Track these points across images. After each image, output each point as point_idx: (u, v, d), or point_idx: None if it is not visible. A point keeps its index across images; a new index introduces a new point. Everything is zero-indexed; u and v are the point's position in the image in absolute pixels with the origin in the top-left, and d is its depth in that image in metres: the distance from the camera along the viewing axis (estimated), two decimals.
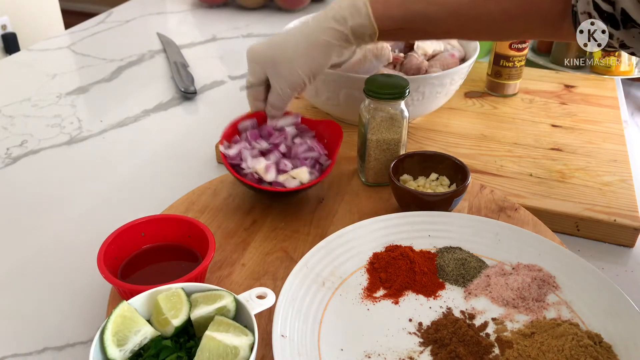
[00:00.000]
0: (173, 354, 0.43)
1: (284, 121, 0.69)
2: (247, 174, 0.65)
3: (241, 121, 0.70)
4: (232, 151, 0.66)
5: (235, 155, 0.66)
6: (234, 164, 0.66)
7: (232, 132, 0.69)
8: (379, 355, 0.48)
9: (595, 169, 0.76)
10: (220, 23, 1.36)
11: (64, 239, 0.67)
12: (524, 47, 0.91)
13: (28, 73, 1.10)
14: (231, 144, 0.68)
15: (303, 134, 0.71)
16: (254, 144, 0.67)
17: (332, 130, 0.70)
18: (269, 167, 0.64)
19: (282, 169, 0.65)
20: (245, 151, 0.66)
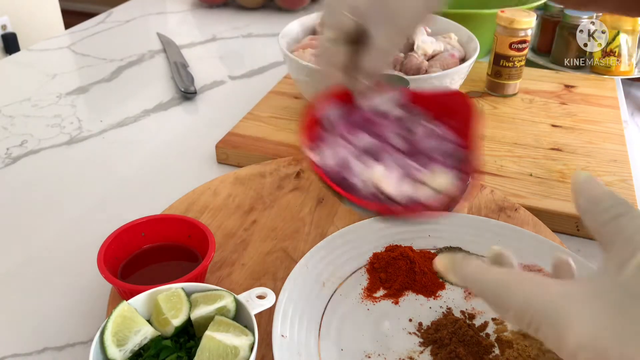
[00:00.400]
0: (173, 354, 0.43)
1: (384, 98, 0.47)
2: (358, 188, 0.43)
3: (322, 109, 0.47)
4: (330, 158, 0.44)
5: (333, 163, 0.44)
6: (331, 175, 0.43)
7: (313, 126, 0.46)
8: (379, 356, 0.48)
9: (595, 169, 0.76)
10: (220, 23, 1.36)
11: (64, 239, 0.67)
12: (524, 47, 0.91)
13: (28, 73, 1.10)
14: (319, 146, 0.45)
15: (416, 116, 0.48)
16: (352, 141, 0.45)
17: (457, 104, 0.47)
18: (390, 174, 0.43)
19: (408, 174, 0.43)
20: (348, 157, 0.44)
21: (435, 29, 0.92)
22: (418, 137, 0.46)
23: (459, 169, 0.43)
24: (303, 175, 0.73)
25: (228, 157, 0.80)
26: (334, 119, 0.47)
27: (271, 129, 0.84)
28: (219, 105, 0.98)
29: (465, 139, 0.45)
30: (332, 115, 0.47)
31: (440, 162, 0.44)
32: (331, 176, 0.43)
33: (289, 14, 1.40)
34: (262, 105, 0.91)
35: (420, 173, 0.43)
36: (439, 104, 0.47)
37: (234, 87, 1.04)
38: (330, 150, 0.45)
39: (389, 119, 0.46)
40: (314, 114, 0.47)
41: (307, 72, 0.79)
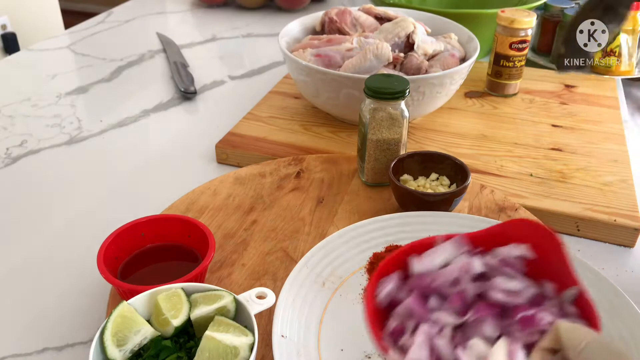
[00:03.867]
0: (173, 354, 0.43)
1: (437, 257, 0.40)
2: None
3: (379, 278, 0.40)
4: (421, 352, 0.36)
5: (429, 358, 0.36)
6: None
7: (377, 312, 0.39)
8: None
9: (596, 169, 0.76)
10: (220, 23, 1.36)
11: (63, 239, 0.67)
12: (524, 47, 0.91)
13: (28, 73, 1.10)
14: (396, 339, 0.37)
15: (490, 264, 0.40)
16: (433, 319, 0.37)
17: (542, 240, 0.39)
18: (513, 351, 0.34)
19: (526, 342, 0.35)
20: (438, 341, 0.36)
21: (436, 29, 0.92)
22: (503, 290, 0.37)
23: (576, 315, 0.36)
24: (303, 175, 0.73)
25: (228, 157, 0.80)
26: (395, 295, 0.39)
27: (271, 129, 0.84)
28: (219, 105, 0.98)
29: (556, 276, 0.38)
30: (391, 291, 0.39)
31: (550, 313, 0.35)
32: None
33: (289, 14, 1.40)
34: (262, 105, 0.91)
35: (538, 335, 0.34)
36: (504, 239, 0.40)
37: (234, 87, 1.04)
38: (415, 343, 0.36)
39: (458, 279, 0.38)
40: (373, 296, 0.40)
41: (307, 72, 0.79)
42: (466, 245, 0.41)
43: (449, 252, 0.41)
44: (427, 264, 0.40)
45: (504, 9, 0.91)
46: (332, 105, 0.82)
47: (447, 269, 0.39)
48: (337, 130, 0.85)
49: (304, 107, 0.91)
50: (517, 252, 0.40)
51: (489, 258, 0.40)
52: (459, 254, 0.41)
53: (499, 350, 0.34)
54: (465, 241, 0.41)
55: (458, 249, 0.41)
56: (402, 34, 0.85)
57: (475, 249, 0.41)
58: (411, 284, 0.40)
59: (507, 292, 0.38)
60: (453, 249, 0.41)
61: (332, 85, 0.77)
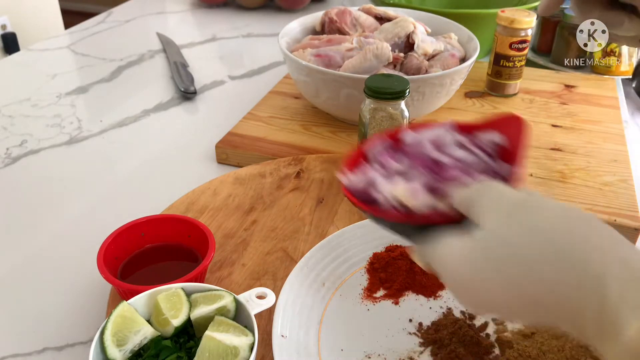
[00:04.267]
0: (173, 354, 0.43)
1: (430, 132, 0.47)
2: (384, 205, 0.43)
3: (370, 145, 0.49)
4: (357, 179, 0.45)
5: (361, 184, 0.45)
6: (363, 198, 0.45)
7: (357, 159, 0.49)
8: (379, 356, 0.48)
9: (596, 169, 0.76)
10: (220, 23, 1.36)
11: (64, 239, 0.67)
12: (524, 47, 0.91)
13: (28, 73, 1.10)
14: (353, 172, 0.47)
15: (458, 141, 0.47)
16: (388, 165, 0.46)
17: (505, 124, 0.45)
18: (416, 190, 0.41)
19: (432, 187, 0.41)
20: (375, 176, 0.45)
21: (436, 29, 0.92)
22: (455, 157, 0.44)
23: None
24: (303, 175, 0.73)
25: (228, 157, 0.80)
26: (378, 151, 0.48)
27: (271, 129, 0.84)
28: (219, 105, 0.98)
29: (510, 156, 0.43)
30: (377, 148, 0.48)
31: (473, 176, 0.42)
32: (357, 195, 0.44)
33: (289, 14, 1.40)
34: (262, 105, 0.91)
35: (445, 186, 0.41)
36: (488, 127, 0.46)
37: (234, 87, 1.04)
38: (362, 174, 0.46)
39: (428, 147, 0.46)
40: (362, 149, 0.49)
41: (307, 72, 0.79)
42: (453, 127, 0.47)
43: (435, 130, 0.47)
44: (416, 136, 0.47)
45: (504, 9, 0.91)
46: (332, 105, 0.82)
47: (422, 138, 0.47)
48: (337, 130, 0.85)
49: (304, 107, 0.91)
50: (493, 138, 0.45)
51: (463, 137, 0.46)
52: (442, 132, 0.47)
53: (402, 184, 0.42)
54: (453, 124, 0.47)
55: (446, 129, 0.47)
56: (402, 34, 0.85)
57: (459, 132, 0.47)
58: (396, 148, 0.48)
59: (452, 157, 0.44)
60: (443, 130, 0.47)
61: (332, 85, 0.77)
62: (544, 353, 0.47)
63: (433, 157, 0.44)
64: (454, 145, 0.45)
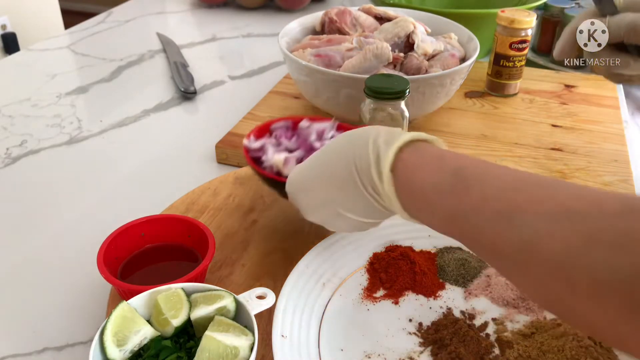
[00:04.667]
0: (173, 354, 0.43)
1: (319, 125, 0.64)
2: (267, 167, 0.60)
3: (275, 122, 0.66)
4: (255, 144, 0.63)
5: (257, 149, 0.62)
6: (255, 157, 0.62)
7: (263, 130, 0.66)
8: (379, 356, 0.48)
9: (596, 169, 0.76)
10: (220, 23, 1.36)
11: (63, 239, 0.67)
12: (524, 47, 0.91)
13: (28, 73, 1.10)
14: (256, 139, 0.64)
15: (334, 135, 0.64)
16: (281, 142, 0.63)
17: None
18: (289, 160, 0.59)
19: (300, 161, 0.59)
20: (268, 145, 0.62)
21: (435, 29, 0.92)
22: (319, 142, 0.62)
23: None
24: None
25: (228, 157, 0.80)
26: (278, 128, 0.65)
27: None
28: (219, 105, 0.98)
29: None
30: (278, 126, 0.65)
31: None
32: (252, 156, 0.61)
33: (289, 14, 1.40)
34: (262, 105, 0.91)
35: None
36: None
37: (234, 87, 1.04)
38: (259, 141, 0.63)
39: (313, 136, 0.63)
40: (269, 124, 0.66)
41: (307, 72, 0.79)
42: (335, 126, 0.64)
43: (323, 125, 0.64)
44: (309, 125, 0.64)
45: (504, 9, 0.91)
46: (332, 105, 0.82)
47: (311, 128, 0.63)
48: None
49: (304, 107, 0.91)
50: None
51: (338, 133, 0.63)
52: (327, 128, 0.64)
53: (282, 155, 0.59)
54: (336, 124, 0.64)
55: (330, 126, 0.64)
56: (402, 34, 0.84)
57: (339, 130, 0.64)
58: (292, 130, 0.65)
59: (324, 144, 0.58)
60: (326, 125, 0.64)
61: (332, 85, 0.77)
62: (544, 353, 0.47)
63: (312, 143, 0.62)
64: (329, 137, 0.63)
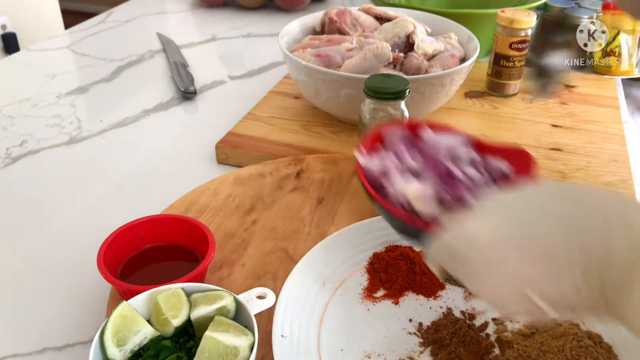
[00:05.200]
0: (173, 354, 0.43)
1: (448, 138, 0.51)
2: (392, 198, 0.47)
3: (389, 129, 0.53)
4: (375, 165, 0.48)
5: (377, 170, 0.48)
6: (372, 180, 0.48)
7: (375, 139, 0.52)
8: (379, 356, 0.48)
9: (596, 169, 0.76)
10: (220, 23, 1.36)
11: (63, 239, 0.67)
12: (524, 47, 0.91)
13: (28, 73, 1.10)
14: (370, 154, 0.50)
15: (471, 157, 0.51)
16: (404, 159, 0.50)
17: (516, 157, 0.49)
18: (427, 196, 0.45)
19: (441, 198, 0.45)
20: (391, 166, 0.48)
21: (435, 29, 0.92)
22: (467, 174, 0.48)
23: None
24: (303, 175, 0.73)
25: (228, 157, 0.80)
26: (395, 139, 0.52)
27: (271, 129, 0.84)
28: (219, 105, 0.98)
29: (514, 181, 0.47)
30: (395, 136, 0.52)
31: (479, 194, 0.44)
32: (369, 179, 0.48)
33: (289, 14, 1.40)
34: (262, 105, 0.91)
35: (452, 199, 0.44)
36: (499, 154, 0.50)
37: (234, 87, 1.04)
38: (378, 159, 0.49)
39: (443, 153, 0.50)
40: (380, 131, 0.53)
41: (307, 72, 0.79)
42: (470, 142, 0.51)
43: (455, 138, 0.51)
44: (434, 137, 0.51)
45: (504, 9, 0.91)
46: (332, 105, 0.82)
47: (439, 142, 0.51)
48: (337, 130, 0.85)
49: (304, 107, 0.91)
50: (501, 166, 0.49)
51: (477, 156, 0.50)
52: (459, 142, 0.51)
53: (415, 186, 0.46)
54: (469, 138, 0.51)
55: (462, 141, 0.51)
56: (402, 34, 0.85)
57: (474, 148, 0.51)
58: (412, 139, 0.52)
59: (465, 173, 0.47)
60: (459, 139, 0.51)
61: (332, 85, 0.77)
62: (544, 353, 0.47)
63: (447, 167, 0.47)
64: (467, 161, 0.49)
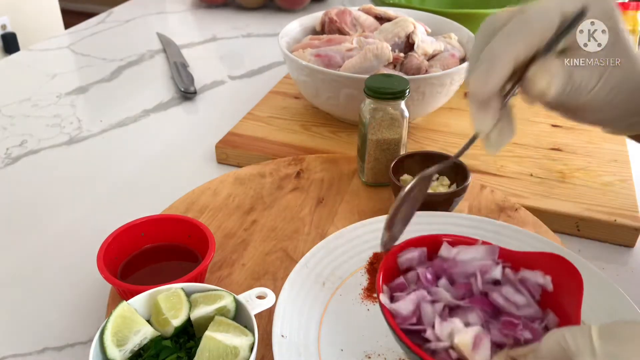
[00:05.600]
0: (173, 354, 0.43)
1: (467, 253, 0.44)
2: (431, 343, 0.39)
3: (402, 251, 0.46)
4: (406, 306, 0.41)
5: (409, 314, 0.41)
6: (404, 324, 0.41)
7: (390, 264, 0.45)
8: (379, 356, 0.48)
9: (596, 169, 0.76)
10: (220, 23, 1.36)
11: (63, 239, 0.67)
12: None
13: (28, 73, 1.10)
14: (394, 291, 0.43)
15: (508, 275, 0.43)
16: (432, 291, 0.42)
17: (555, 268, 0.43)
18: (480, 341, 0.38)
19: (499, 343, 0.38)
20: (425, 306, 0.41)
21: (435, 29, 0.92)
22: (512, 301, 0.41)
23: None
24: (303, 175, 0.73)
25: (228, 157, 0.80)
26: (414, 265, 0.45)
27: (271, 129, 0.84)
28: (219, 105, 0.98)
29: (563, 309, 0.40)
30: (412, 261, 0.45)
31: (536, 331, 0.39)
32: (403, 326, 0.41)
33: (289, 14, 1.40)
34: (262, 105, 0.91)
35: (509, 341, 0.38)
36: (534, 265, 0.44)
37: (234, 87, 1.04)
38: (406, 298, 0.42)
39: (473, 274, 0.43)
40: (394, 258, 0.46)
41: (307, 72, 0.79)
42: (498, 255, 0.45)
43: (480, 253, 0.44)
44: (455, 254, 0.45)
45: None
46: (332, 105, 0.82)
47: (469, 262, 0.44)
48: (337, 130, 0.85)
49: (304, 107, 0.91)
50: (539, 279, 0.43)
51: (511, 273, 0.44)
52: (487, 258, 0.44)
53: (470, 333, 0.38)
54: (498, 251, 0.45)
55: (489, 255, 0.45)
56: (402, 34, 0.85)
57: (504, 262, 0.45)
58: (432, 262, 0.45)
59: (509, 301, 0.41)
60: (485, 253, 0.44)
61: (332, 85, 0.77)
62: None
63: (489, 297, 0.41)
64: (507, 284, 0.42)
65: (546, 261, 0.43)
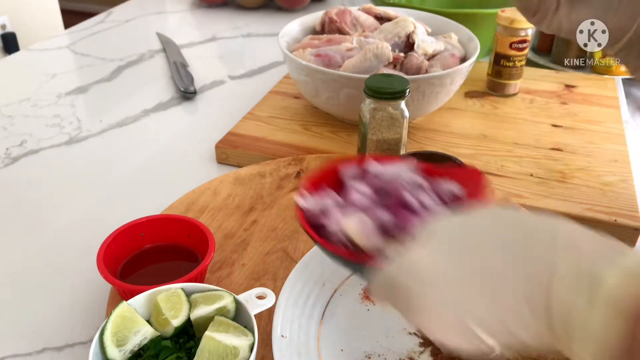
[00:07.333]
0: (173, 354, 0.43)
1: (396, 168, 0.48)
2: (333, 236, 0.43)
3: (335, 168, 0.49)
4: (314, 205, 0.45)
5: (316, 209, 0.45)
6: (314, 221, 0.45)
7: (319, 180, 0.49)
8: (379, 356, 0.48)
9: (596, 169, 0.76)
10: (220, 23, 1.36)
11: (63, 239, 0.67)
12: (524, 47, 0.91)
13: (27, 73, 1.10)
14: (312, 194, 0.47)
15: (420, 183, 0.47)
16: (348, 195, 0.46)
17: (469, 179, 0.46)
18: (367, 227, 0.41)
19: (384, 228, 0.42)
20: (328, 202, 0.45)
21: (436, 29, 0.92)
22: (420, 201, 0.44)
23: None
24: (303, 175, 0.73)
25: (228, 157, 0.80)
26: (344, 177, 0.49)
27: (271, 129, 0.84)
28: (219, 105, 0.98)
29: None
30: (344, 174, 0.49)
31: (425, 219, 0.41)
32: (310, 220, 0.45)
33: (289, 14, 1.40)
34: (262, 105, 0.91)
35: (397, 229, 0.41)
36: (451, 176, 0.47)
37: (233, 87, 1.04)
38: (318, 198, 0.46)
39: (392, 184, 0.46)
40: (327, 170, 0.49)
41: (307, 72, 0.79)
42: (417, 168, 0.48)
43: (400, 167, 0.48)
44: (380, 168, 0.48)
45: (504, 9, 0.91)
46: (332, 105, 0.82)
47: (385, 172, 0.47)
48: (337, 130, 0.85)
49: (304, 107, 0.91)
50: (450, 187, 0.46)
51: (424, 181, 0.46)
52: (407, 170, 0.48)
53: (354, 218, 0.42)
54: (417, 165, 0.48)
55: (408, 168, 0.48)
56: (402, 33, 0.84)
57: (422, 173, 0.48)
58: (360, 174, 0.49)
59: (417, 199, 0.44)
60: (404, 167, 0.48)
61: (332, 85, 0.77)
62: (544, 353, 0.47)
63: (403, 197, 0.44)
64: (414, 186, 0.45)
65: (466, 175, 0.47)
